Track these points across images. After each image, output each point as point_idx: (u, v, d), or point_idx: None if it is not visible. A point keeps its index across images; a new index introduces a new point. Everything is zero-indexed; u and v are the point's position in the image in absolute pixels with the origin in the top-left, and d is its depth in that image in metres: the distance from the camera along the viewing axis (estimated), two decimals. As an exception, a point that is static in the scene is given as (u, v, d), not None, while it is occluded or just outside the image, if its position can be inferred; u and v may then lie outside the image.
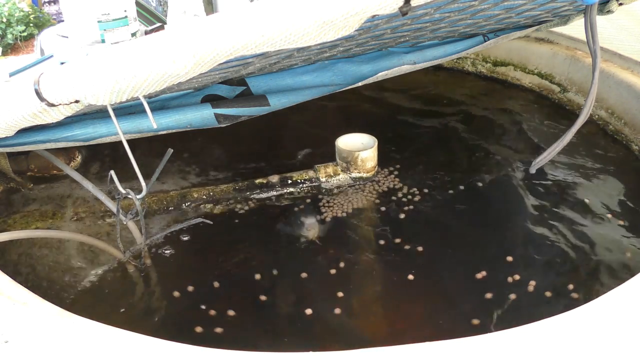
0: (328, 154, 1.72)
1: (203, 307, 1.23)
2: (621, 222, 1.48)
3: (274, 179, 1.65)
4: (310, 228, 1.49)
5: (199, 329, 1.18)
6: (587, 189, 1.63)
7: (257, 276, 1.32)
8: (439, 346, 0.77)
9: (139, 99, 0.88)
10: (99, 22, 1.73)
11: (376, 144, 1.67)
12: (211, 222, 1.29)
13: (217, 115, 1.34)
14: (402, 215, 1.53)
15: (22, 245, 1.41)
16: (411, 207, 1.57)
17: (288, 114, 1.54)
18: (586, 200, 1.57)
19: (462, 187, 1.65)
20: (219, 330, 1.18)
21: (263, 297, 1.26)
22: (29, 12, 3.02)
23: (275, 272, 1.34)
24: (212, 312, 1.22)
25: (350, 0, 0.72)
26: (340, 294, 1.26)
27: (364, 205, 1.59)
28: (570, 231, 1.45)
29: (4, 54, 2.79)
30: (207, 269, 1.36)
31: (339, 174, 1.67)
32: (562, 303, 1.22)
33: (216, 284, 1.30)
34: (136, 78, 0.78)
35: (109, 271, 1.34)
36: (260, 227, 1.50)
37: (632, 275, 0.97)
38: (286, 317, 1.22)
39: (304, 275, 1.32)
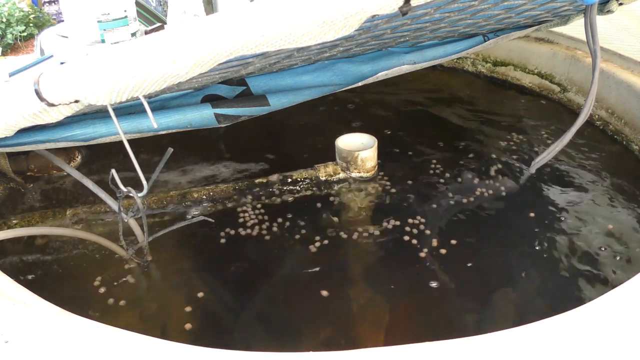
0: (328, 154, 1.72)
1: (203, 306, 1.23)
2: (620, 222, 1.47)
3: (274, 178, 1.65)
4: (310, 228, 1.49)
5: (198, 328, 1.18)
6: (587, 189, 1.63)
7: (258, 276, 1.32)
8: (439, 346, 0.77)
9: (139, 98, 0.88)
10: (99, 22, 1.73)
11: (376, 143, 1.67)
12: (212, 220, 1.29)
13: (217, 115, 1.34)
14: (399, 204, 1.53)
15: (22, 244, 1.41)
16: (411, 206, 1.57)
17: (288, 114, 1.54)
18: (585, 200, 1.57)
19: (461, 181, 1.65)
20: (217, 329, 1.18)
21: (264, 297, 1.26)
22: (29, 12, 3.01)
23: (275, 272, 1.34)
24: (212, 311, 1.22)
25: (350, 0, 0.72)
26: (324, 293, 1.27)
27: (365, 205, 1.59)
28: (569, 231, 1.45)
29: (4, 54, 2.79)
30: (208, 268, 1.36)
31: (338, 174, 1.67)
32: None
33: (217, 283, 1.30)
34: (136, 78, 0.78)
35: (111, 269, 1.34)
36: (259, 227, 1.50)
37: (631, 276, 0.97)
38: (286, 320, 1.22)
39: (304, 273, 1.33)
